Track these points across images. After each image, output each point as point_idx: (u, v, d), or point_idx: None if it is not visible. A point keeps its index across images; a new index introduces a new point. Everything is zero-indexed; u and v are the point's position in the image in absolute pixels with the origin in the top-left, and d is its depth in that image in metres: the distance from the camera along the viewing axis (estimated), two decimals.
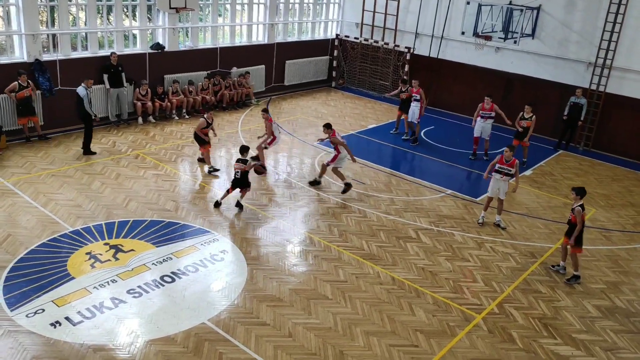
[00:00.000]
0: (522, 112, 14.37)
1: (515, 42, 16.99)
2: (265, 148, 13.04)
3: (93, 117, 13.02)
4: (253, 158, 11.59)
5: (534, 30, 17.40)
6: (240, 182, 10.98)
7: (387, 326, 7.87)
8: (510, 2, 17.35)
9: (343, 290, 8.61)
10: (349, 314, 8.05)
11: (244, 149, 11.21)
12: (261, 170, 12.17)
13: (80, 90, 12.79)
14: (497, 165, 11.03)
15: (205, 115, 12.80)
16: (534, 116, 14.22)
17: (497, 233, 11.06)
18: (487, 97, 14.76)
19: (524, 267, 9.88)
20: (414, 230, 10.83)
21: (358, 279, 8.98)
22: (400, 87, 16.42)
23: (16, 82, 12.85)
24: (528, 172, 14.63)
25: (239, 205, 10.99)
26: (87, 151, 13.08)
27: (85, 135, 13.07)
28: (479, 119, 14.81)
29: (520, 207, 12.39)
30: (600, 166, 15.86)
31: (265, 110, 13.12)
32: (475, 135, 15.02)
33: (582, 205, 9.27)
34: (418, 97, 15.73)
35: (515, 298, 8.89)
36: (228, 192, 11.08)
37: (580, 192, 9.35)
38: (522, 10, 16.75)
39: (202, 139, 12.69)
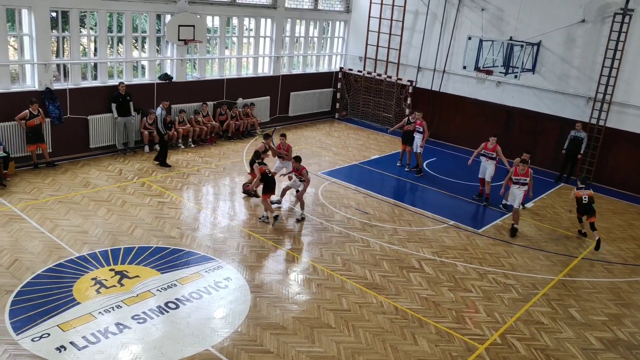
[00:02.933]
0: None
1: (515, 76, 17.30)
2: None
3: (164, 134, 14.63)
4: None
5: (534, 65, 17.75)
6: None
7: (390, 356, 7.89)
8: (511, 38, 17.75)
9: (346, 319, 8.65)
10: (353, 343, 8.07)
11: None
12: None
13: (157, 110, 14.71)
14: (513, 177, 12.93)
15: (263, 141, 13.26)
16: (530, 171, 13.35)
17: (498, 264, 11.12)
18: (493, 137, 14.16)
19: (526, 298, 9.92)
20: (417, 261, 10.90)
21: (361, 308, 9.03)
22: (407, 118, 16.57)
23: (27, 110, 13.12)
24: (529, 205, 14.74)
25: None
26: (163, 164, 14.72)
27: (160, 149, 14.78)
28: (482, 158, 14.27)
29: (522, 239, 12.47)
30: (602, 199, 15.96)
31: (267, 136, 13.50)
32: (480, 176, 14.58)
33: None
34: (421, 128, 15.99)
35: (518, 329, 8.92)
36: None
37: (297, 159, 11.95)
38: (522, 46, 17.13)
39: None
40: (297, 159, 12.26)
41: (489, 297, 9.80)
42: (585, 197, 12.44)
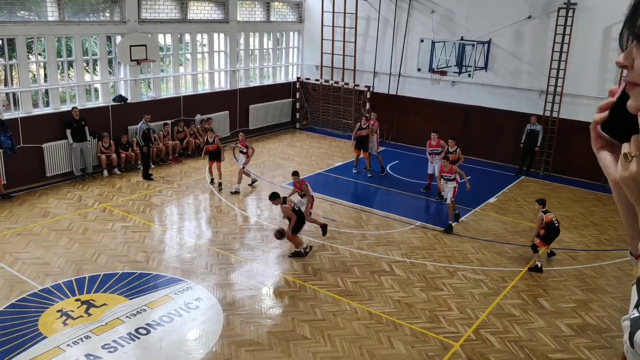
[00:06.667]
0: (447, 147, 14.39)
1: (469, 75, 17.66)
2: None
3: (142, 146, 15.09)
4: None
5: (486, 63, 18.15)
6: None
7: None
8: (462, 37, 18.12)
9: (321, 329, 8.61)
10: (329, 352, 8.03)
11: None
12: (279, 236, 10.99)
13: (139, 124, 15.17)
14: (441, 173, 13.05)
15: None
16: (459, 149, 14.32)
17: (467, 260, 11.27)
18: (434, 132, 14.83)
19: (496, 292, 10.07)
20: (387, 264, 10.95)
21: (335, 316, 9.00)
22: (360, 124, 16.66)
23: None
24: (492, 200, 15.02)
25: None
26: (145, 176, 15.27)
27: (142, 163, 15.43)
28: (428, 156, 14.96)
29: (487, 234, 12.68)
30: (561, 189, 16.39)
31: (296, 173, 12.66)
32: (429, 172, 15.16)
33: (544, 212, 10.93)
34: (373, 128, 16.27)
35: (491, 323, 9.03)
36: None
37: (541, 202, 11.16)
38: (473, 45, 17.49)
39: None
40: (295, 174, 12.41)
41: (460, 294, 9.91)
42: (556, 220, 11.02)
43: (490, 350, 8.29)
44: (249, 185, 15.06)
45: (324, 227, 11.89)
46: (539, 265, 10.93)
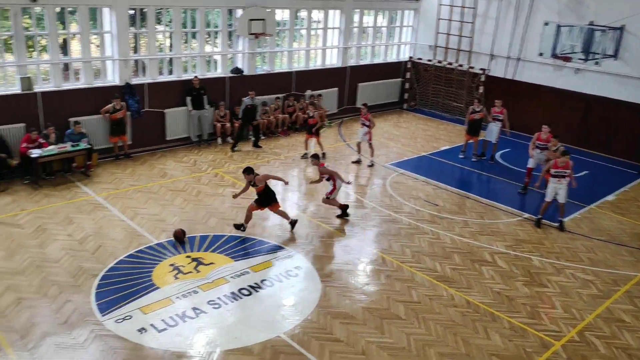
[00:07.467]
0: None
1: (596, 63, 16.46)
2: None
3: (238, 118, 15.80)
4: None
5: (616, 50, 16.80)
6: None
7: (461, 349, 7.78)
8: (592, 22, 16.87)
9: (416, 311, 8.59)
10: (423, 335, 8.02)
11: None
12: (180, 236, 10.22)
13: (245, 98, 15.79)
14: (552, 170, 11.70)
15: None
16: (561, 147, 12.71)
17: (577, 259, 10.69)
18: (545, 125, 13.60)
19: (606, 295, 9.48)
20: (489, 254, 10.64)
21: (432, 300, 8.93)
22: (472, 108, 16.13)
23: (111, 105, 13.82)
24: (611, 198, 14.05)
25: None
26: (255, 144, 16.03)
27: (236, 135, 15.90)
28: (536, 150, 13.67)
29: (602, 234, 11.91)
30: None
31: (315, 157, 12.00)
32: (529, 166, 13.87)
33: None
34: (501, 117, 15.63)
35: (597, 326, 8.55)
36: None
37: None
38: (604, 31, 16.25)
39: None
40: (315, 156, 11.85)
41: (566, 293, 9.44)
42: None
43: (594, 354, 7.87)
44: (353, 162, 15.17)
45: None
46: None
